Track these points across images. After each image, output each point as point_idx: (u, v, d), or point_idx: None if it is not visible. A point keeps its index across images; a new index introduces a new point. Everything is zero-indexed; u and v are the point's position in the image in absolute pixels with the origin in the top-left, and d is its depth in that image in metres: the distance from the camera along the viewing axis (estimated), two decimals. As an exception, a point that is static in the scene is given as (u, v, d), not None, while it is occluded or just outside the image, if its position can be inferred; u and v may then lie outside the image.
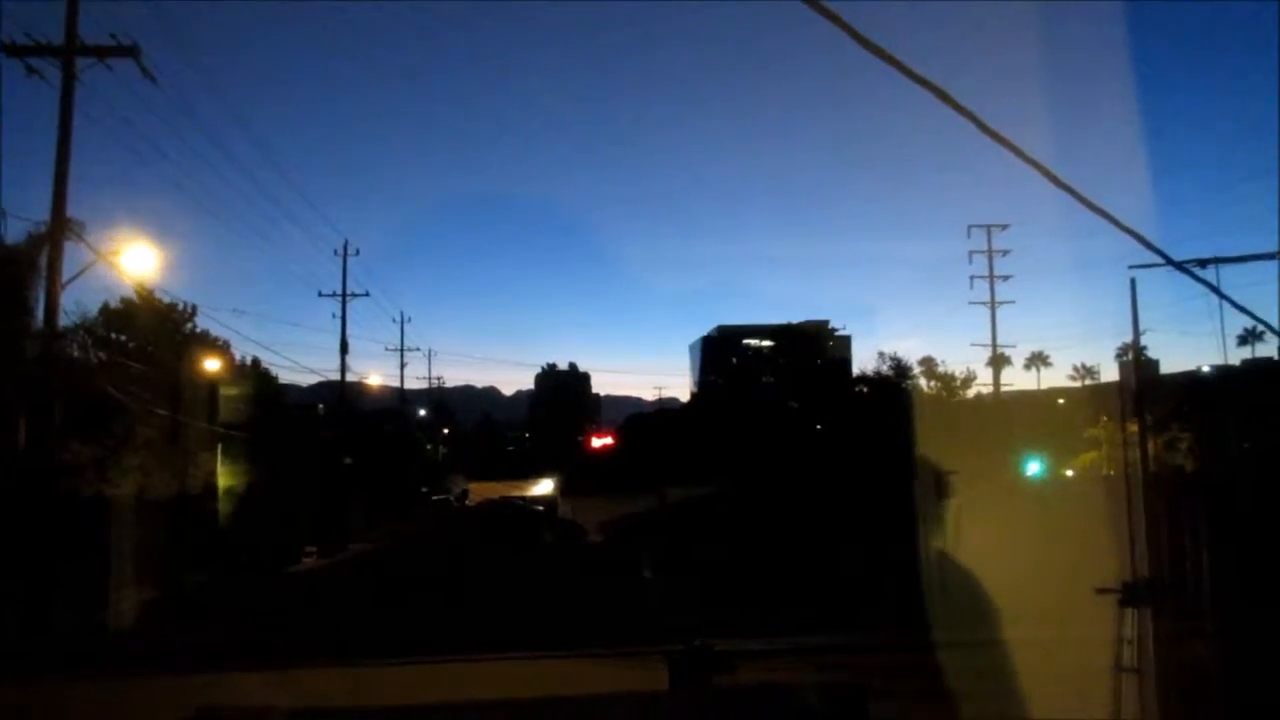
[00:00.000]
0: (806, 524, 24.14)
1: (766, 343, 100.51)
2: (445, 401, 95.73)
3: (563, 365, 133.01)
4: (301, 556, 32.68)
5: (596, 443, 74.66)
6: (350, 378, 55.83)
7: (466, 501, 66.95)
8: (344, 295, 52.96)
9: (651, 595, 20.51)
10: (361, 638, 14.99)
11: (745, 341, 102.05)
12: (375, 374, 67.72)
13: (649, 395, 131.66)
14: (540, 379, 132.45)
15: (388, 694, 11.45)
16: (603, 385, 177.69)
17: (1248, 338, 77.45)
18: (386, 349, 70.48)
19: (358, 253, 55.00)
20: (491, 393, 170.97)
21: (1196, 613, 9.37)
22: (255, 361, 41.25)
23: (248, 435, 30.98)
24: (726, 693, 10.24)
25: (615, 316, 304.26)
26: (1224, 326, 58.32)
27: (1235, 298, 6.47)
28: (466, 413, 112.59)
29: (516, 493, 63.33)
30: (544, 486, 66.79)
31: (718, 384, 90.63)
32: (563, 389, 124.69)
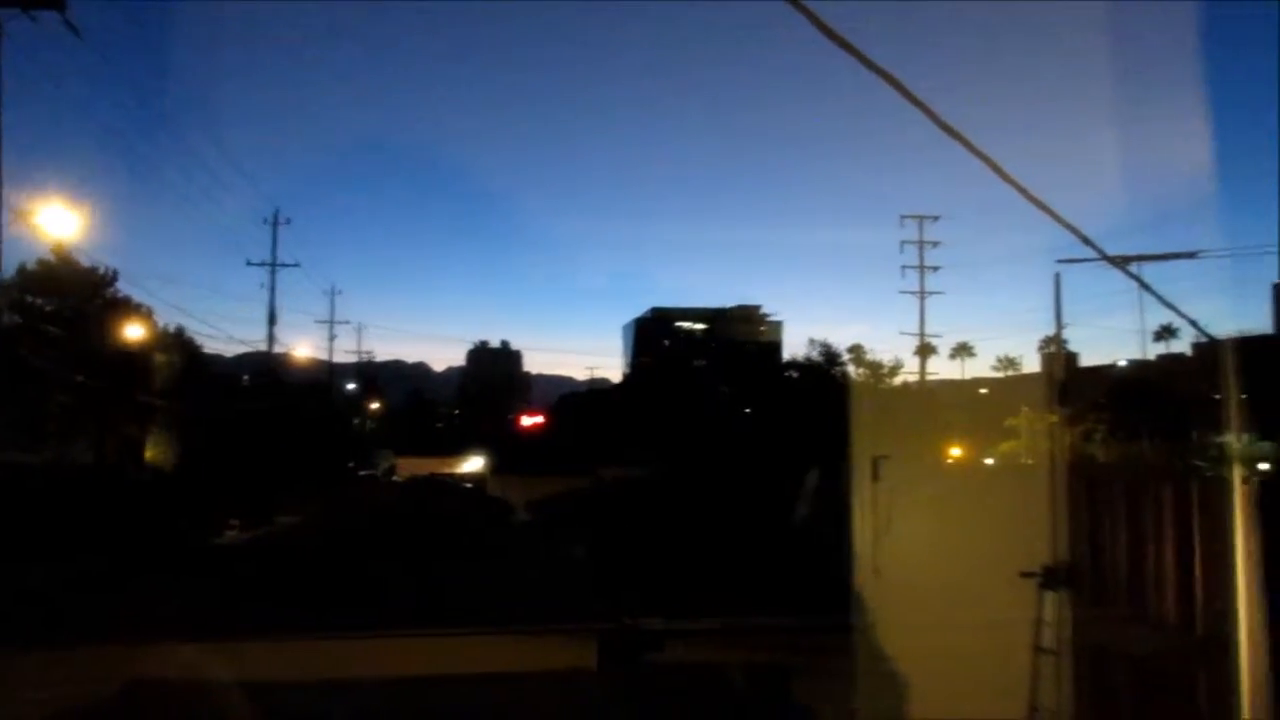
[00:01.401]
0: (737, 506, 24.37)
1: (699, 326, 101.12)
2: (375, 376, 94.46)
3: (495, 343, 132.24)
4: (225, 529, 32.05)
5: (527, 421, 74.46)
6: (278, 349, 54.81)
7: (394, 477, 66.23)
8: (273, 265, 51.89)
9: (581, 574, 20.53)
10: (284, 612, 14.75)
11: (678, 324, 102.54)
12: (303, 346, 66.50)
13: (581, 375, 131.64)
14: (472, 356, 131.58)
15: (315, 669, 11.30)
16: (535, 364, 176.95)
17: (1163, 334, 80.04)
18: (316, 321, 69.24)
19: (289, 222, 53.96)
20: (422, 368, 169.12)
21: (1113, 596, 9.69)
22: (179, 330, 40.24)
23: (170, 405, 30.19)
24: (654, 671, 10.32)
25: (549, 296, 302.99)
26: (1144, 323, 60.08)
27: (1163, 292, 6.65)
28: (396, 388, 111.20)
29: (446, 469, 62.85)
30: (474, 464, 66.38)
31: (650, 366, 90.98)
32: (494, 366, 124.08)
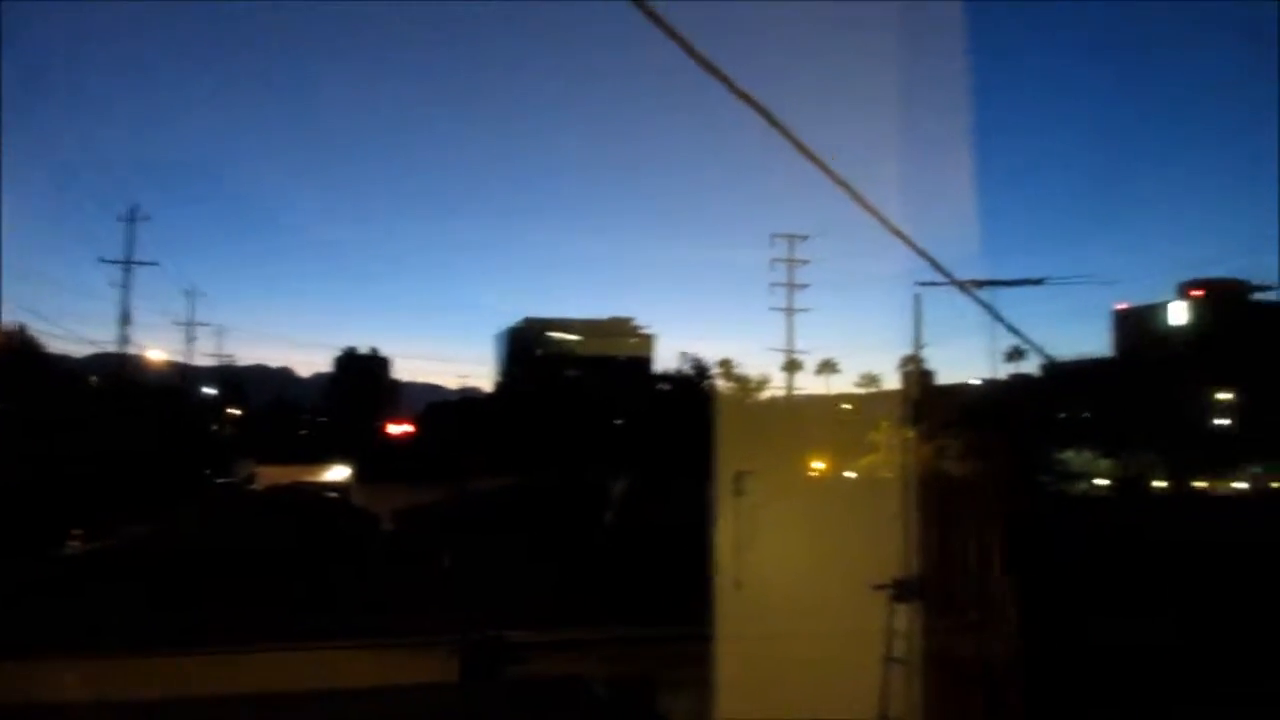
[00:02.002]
0: (605, 517, 24.44)
1: (572, 337, 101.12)
2: (236, 380, 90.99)
3: (364, 349, 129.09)
4: (67, 540, 30.29)
5: (395, 429, 73.02)
6: (132, 351, 52.29)
7: (253, 485, 63.82)
8: (128, 263, 49.57)
9: (446, 586, 20.24)
10: (134, 627, 14.06)
11: (551, 335, 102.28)
12: (159, 348, 63.57)
13: (452, 384, 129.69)
14: (339, 362, 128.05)
15: (170, 686, 10.81)
16: (405, 372, 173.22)
17: (1014, 355, 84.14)
18: (174, 323, 66.42)
19: (148, 218, 51.63)
20: (286, 373, 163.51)
21: (964, 608, 10.14)
22: (21, 328, 37.94)
23: (8, 407, 28.40)
24: (517, 684, 10.26)
25: (420, 303, 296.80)
26: (996, 344, 63.15)
27: (1009, 316, 7.02)
28: (259, 393, 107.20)
29: (309, 478, 60.90)
30: (338, 472, 64.57)
31: (522, 376, 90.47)
32: (362, 373, 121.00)
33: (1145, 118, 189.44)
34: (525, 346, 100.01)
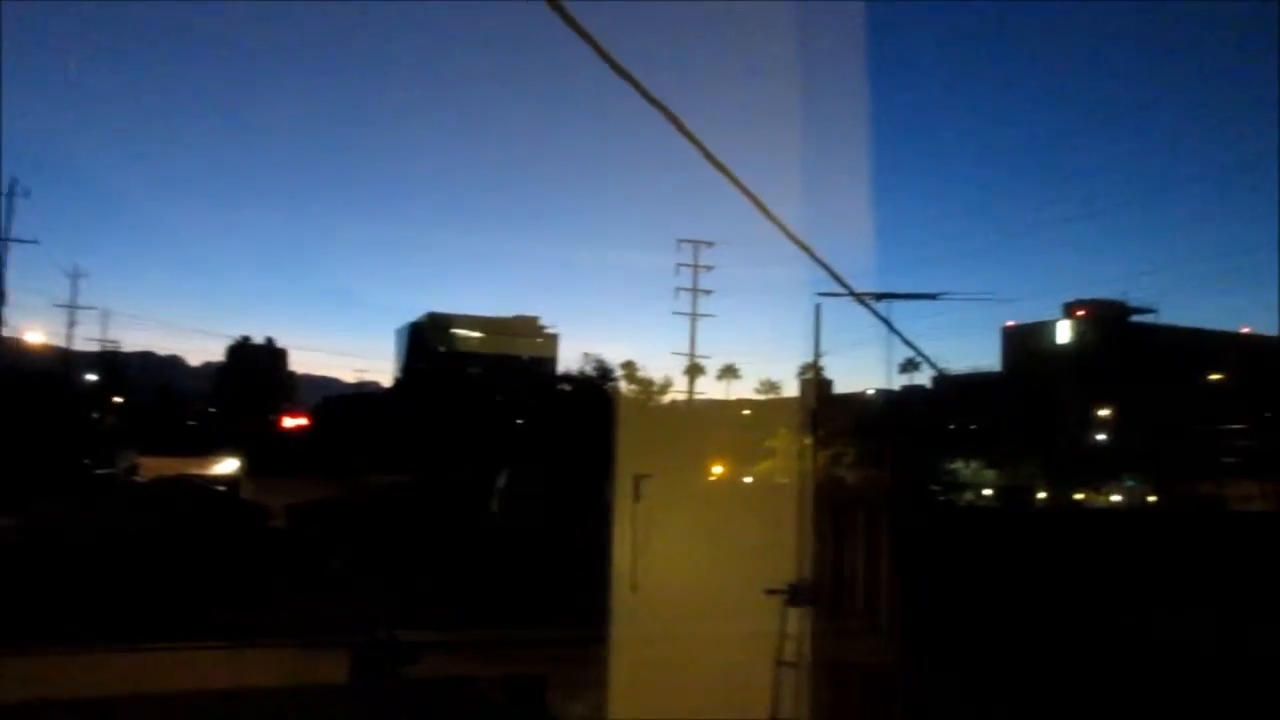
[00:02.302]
0: (508, 518, 24.28)
1: (475, 333, 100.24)
2: (120, 368, 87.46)
3: (258, 339, 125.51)
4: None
5: (289, 422, 71.33)
6: (6, 333, 49.84)
7: (136, 477, 61.38)
8: (4, 239, 47.27)
9: (338, 584, 19.82)
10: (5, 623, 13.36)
11: (454, 330, 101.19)
12: (36, 331, 60.71)
13: (350, 377, 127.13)
14: (232, 351, 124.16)
15: (33, 688, 10.30)
16: (301, 363, 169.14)
17: (908, 367, 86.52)
18: (54, 305, 63.57)
19: (28, 194, 49.33)
20: (175, 362, 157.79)
21: (851, 610, 10.39)
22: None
23: None
24: (409, 685, 10.09)
25: (320, 295, 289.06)
26: (891, 355, 64.88)
27: (905, 329, 7.22)
28: (145, 381, 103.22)
29: (196, 470, 58.91)
30: (228, 465, 62.63)
31: (423, 371, 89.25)
32: (255, 363, 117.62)
33: (1049, 138, 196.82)
34: (426, 341, 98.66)
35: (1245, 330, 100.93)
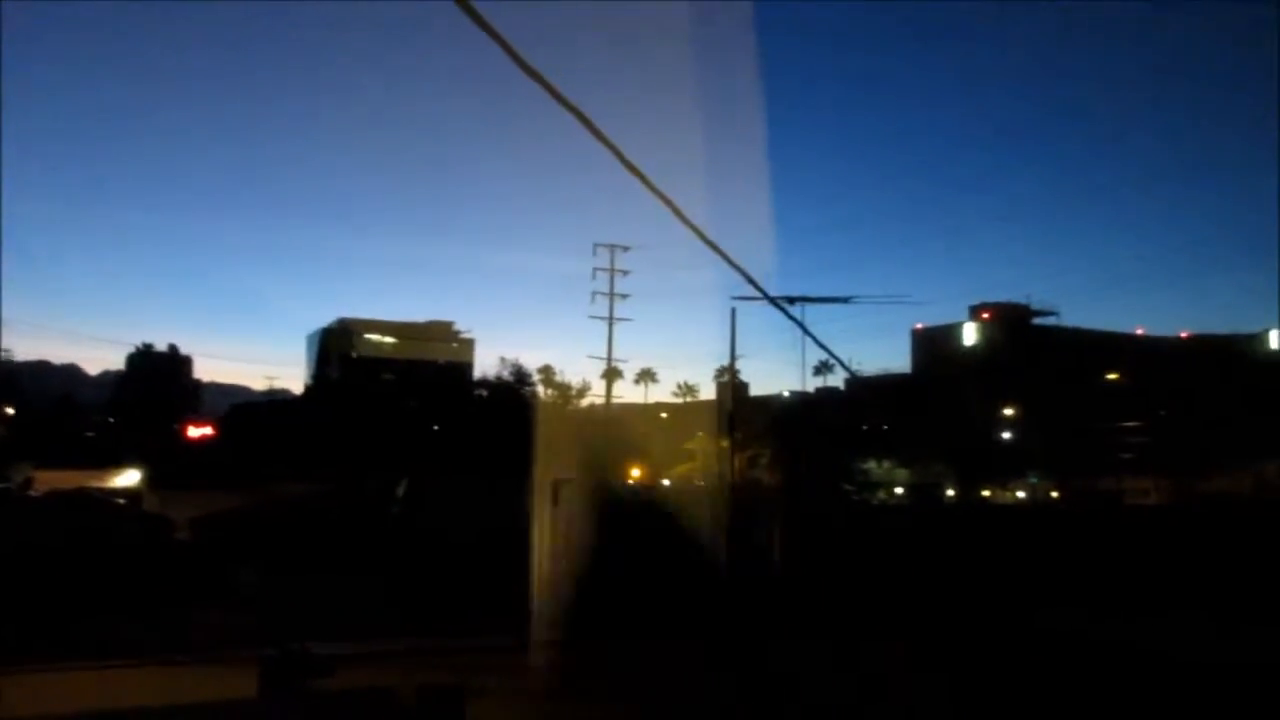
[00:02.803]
0: (418, 525, 23.95)
1: (389, 339, 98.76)
2: (12, 377, 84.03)
3: (161, 347, 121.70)
4: None
5: (195, 432, 69.47)
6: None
7: (30, 491, 58.89)
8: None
9: (247, 596, 19.30)
10: None
11: (367, 336, 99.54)
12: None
13: (259, 385, 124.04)
14: (133, 360, 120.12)
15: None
16: (207, 371, 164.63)
17: (821, 369, 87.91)
18: (-60, 312, 60.58)
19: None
20: (73, 371, 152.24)
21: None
22: None
23: None
24: (321, 698, 9.87)
25: (226, 302, 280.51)
26: (805, 358, 65.85)
27: (820, 332, 7.34)
28: (41, 391, 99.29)
29: (95, 483, 56.79)
30: (129, 477, 60.57)
31: (334, 378, 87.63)
32: (158, 372, 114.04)
33: (960, 144, 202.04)
34: (338, 348, 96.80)
35: (1140, 332, 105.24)
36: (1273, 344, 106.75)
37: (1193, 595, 18.26)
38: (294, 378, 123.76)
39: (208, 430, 68.35)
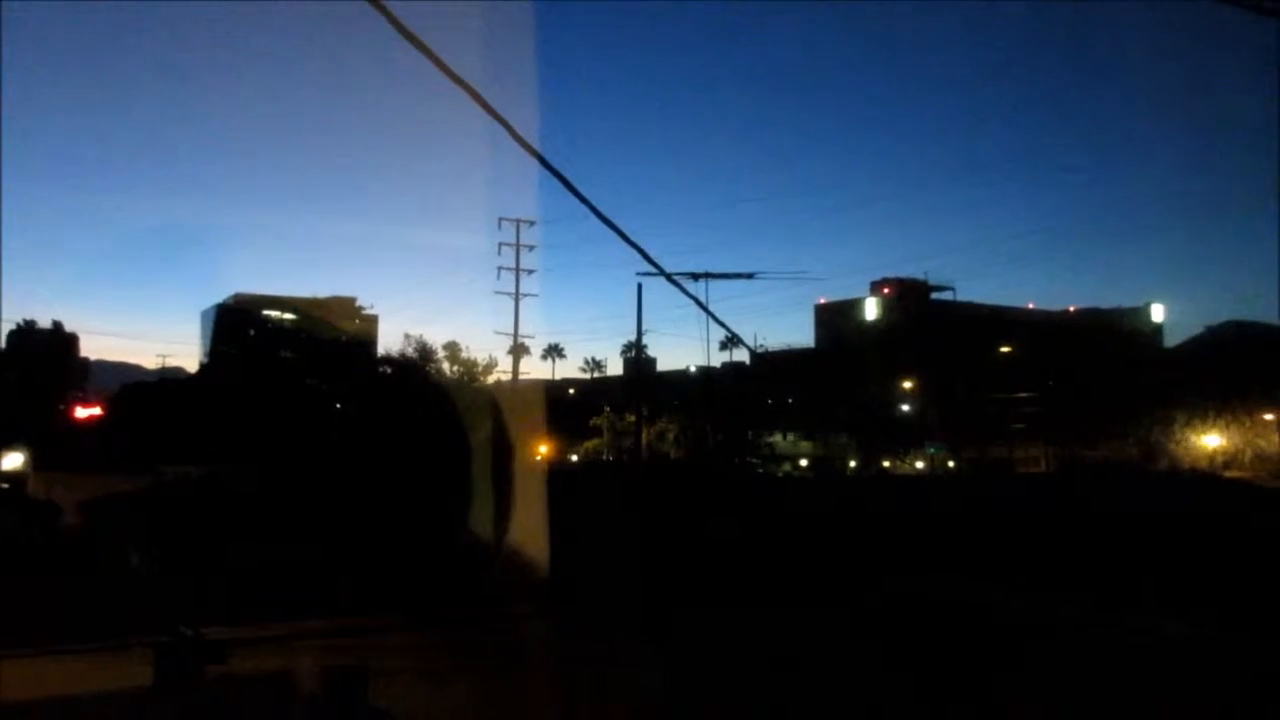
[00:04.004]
0: (324, 506, 23.54)
1: (288, 315, 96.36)
2: (-119, 357, 79.39)
3: (45, 323, 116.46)
4: None
5: (82, 413, 66.96)
6: None
7: (-99, 477, 56.04)
8: None
9: (138, 583, 18.74)
10: None
11: (265, 313, 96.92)
12: None
13: (151, 364, 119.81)
14: (13, 337, 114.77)
15: None
16: (95, 349, 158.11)
17: (728, 344, 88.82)
18: None
19: None
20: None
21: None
22: None
23: None
24: (219, 684, 9.65)
25: (116, 277, 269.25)
26: (709, 333, 66.25)
27: (728, 307, 7.42)
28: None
29: (-27, 467, 54.33)
30: (11, 460, 58.06)
31: (231, 355, 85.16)
32: (41, 350, 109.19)
33: (864, 121, 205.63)
34: (235, 324, 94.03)
35: (1031, 306, 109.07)
36: (1154, 317, 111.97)
37: (1060, 556, 19.42)
38: (189, 356, 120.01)
39: (96, 410, 65.99)
